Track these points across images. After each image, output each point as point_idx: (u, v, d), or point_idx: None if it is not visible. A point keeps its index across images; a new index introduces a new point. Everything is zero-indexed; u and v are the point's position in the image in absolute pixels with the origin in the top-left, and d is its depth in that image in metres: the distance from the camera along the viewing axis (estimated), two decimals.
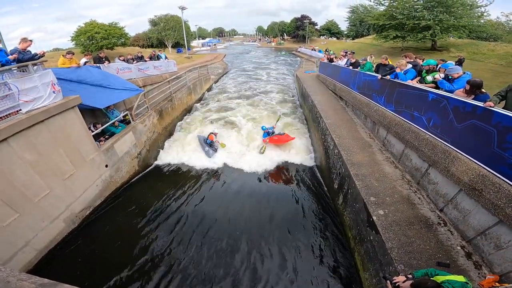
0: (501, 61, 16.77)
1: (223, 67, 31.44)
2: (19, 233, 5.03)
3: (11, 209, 4.87)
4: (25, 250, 5.12)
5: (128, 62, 13.26)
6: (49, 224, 5.68)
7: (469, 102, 4.12)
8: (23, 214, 5.08)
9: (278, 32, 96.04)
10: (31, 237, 5.25)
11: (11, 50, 6.20)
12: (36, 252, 5.38)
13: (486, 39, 28.23)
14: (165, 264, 5.51)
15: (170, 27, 47.36)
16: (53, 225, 5.77)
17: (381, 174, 5.67)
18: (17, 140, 5.02)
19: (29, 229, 5.23)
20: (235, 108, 15.40)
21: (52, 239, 5.77)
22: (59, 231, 5.96)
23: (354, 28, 63.79)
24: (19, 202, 5.02)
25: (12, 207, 4.89)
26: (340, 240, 5.96)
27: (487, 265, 3.50)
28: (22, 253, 5.06)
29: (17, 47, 6.11)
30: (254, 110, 15.16)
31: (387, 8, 27.07)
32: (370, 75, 8.24)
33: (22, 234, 5.10)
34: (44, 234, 5.55)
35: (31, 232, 5.27)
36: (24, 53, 6.03)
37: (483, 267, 3.51)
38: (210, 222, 6.68)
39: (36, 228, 5.38)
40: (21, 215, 5.04)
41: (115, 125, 8.49)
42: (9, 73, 5.26)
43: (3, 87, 5.03)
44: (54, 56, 20.21)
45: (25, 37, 6.24)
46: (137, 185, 8.54)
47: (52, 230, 5.78)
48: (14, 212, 4.92)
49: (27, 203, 5.17)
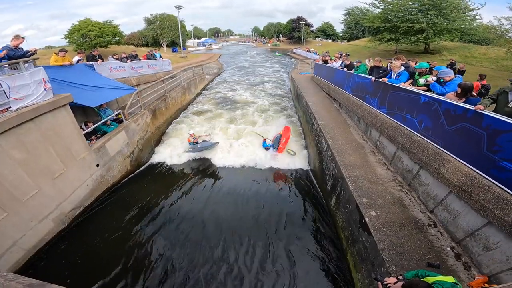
0: (492, 65, 17.09)
1: (218, 67, 31.46)
2: (6, 233, 4.94)
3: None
4: (13, 249, 5.03)
5: (122, 60, 13.09)
6: (38, 223, 5.58)
7: (460, 105, 4.17)
8: (11, 213, 4.99)
9: (274, 33, 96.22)
10: (19, 237, 5.16)
11: (2, 47, 6.11)
12: (24, 252, 5.29)
13: (478, 43, 28.75)
14: (155, 265, 5.45)
15: (166, 26, 46.99)
16: (41, 224, 5.67)
17: (373, 176, 5.71)
18: (6, 138, 4.92)
19: (17, 228, 5.14)
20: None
21: (40, 238, 5.67)
22: (48, 230, 5.86)
23: (349, 30, 64.43)
24: (7, 202, 4.92)
25: (0, 206, 4.79)
26: (333, 241, 5.98)
27: (476, 266, 3.55)
28: (10, 253, 4.98)
29: (9, 44, 6.03)
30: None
31: (382, 11, 27.42)
32: (364, 77, 8.28)
33: (10, 233, 5.01)
34: (32, 234, 5.46)
35: (19, 231, 5.18)
36: (15, 50, 5.96)
37: (472, 268, 3.55)
38: (202, 223, 6.64)
39: (24, 228, 5.28)
40: (9, 215, 4.95)
41: (107, 124, 8.37)
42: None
43: None
44: (46, 54, 19.89)
45: (18, 34, 6.20)
46: (129, 185, 8.43)
47: (41, 230, 5.68)
48: (1, 211, 4.83)
49: (15, 203, 5.07)
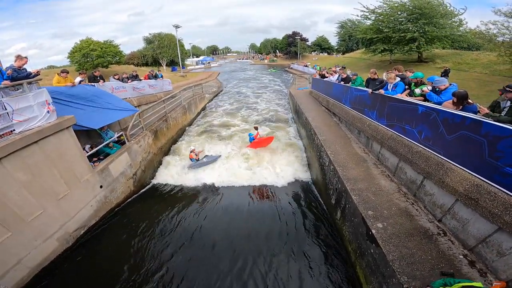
0: (485, 70, 17.12)
1: (217, 86, 31.89)
2: (11, 251, 5.00)
3: (3, 228, 4.85)
4: (17, 268, 5.07)
5: (123, 81, 13.31)
6: (42, 243, 5.60)
7: (457, 113, 4.24)
8: (15, 233, 5.03)
9: (270, 49, 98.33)
10: (23, 255, 5.19)
11: (6, 67, 6.05)
12: (28, 270, 5.30)
13: (469, 49, 29.24)
14: (159, 284, 5.34)
15: (164, 45, 48.11)
16: (46, 244, 5.68)
17: (377, 188, 5.69)
18: (11, 160, 4.98)
19: (21, 247, 5.18)
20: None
21: (45, 257, 5.68)
22: (53, 250, 5.86)
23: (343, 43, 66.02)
24: (11, 222, 4.99)
25: (4, 226, 4.86)
26: (341, 254, 5.88)
27: (492, 272, 3.49)
28: (14, 271, 5.02)
29: (13, 64, 5.97)
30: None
31: (374, 22, 27.99)
32: (361, 90, 8.39)
33: (15, 252, 5.06)
34: (37, 253, 5.48)
35: (23, 250, 5.22)
36: (19, 72, 5.89)
37: (488, 274, 3.49)
38: (207, 241, 6.54)
39: (28, 247, 5.31)
40: (13, 234, 4.99)
41: (109, 146, 8.42)
42: (2, 91, 5.23)
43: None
44: (48, 74, 20.04)
45: (19, 55, 6.09)
46: (133, 206, 8.37)
47: (45, 249, 5.69)
48: (6, 231, 4.89)
49: (19, 223, 5.13)
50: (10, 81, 5.54)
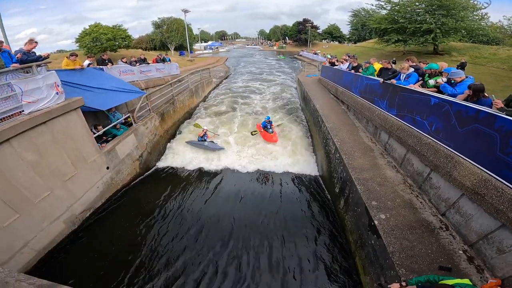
0: (503, 65, 16.63)
1: (225, 70, 31.66)
2: (18, 234, 5.01)
3: (11, 210, 4.86)
4: (24, 251, 5.10)
5: (131, 64, 13.30)
6: (49, 225, 5.67)
7: (471, 106, 4.09)
8: (23, 214, 5.07)
9: (280, 35, 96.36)
10: (30, 238, 5.23)
11: (15, 50, 6.17)
12: (35, 253, 5.36)
13: (488, 43, 28.19)
14: (166, 267, 5.49)
15: (173, 30, 47.69)
16: (53, 226, 5.76)
17: (382, 179, 5.63)
18: (19, 141, 5.03)
19: (28, 230, 5.21)
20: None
21: (51, 240, 5.75)
22: (59, 232, 5.95)
23: (356, 32, 64.12)
24: (19, 203, 5.01)
25: (12, 207, 4.88)
26: (341, 244, 5.92)
27: (489, 269, 3.47)
28: (21, 254, 5.04)
29: (22, 48, 6.06)
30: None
31: (389, 12, 27.23)
32: (372, 79, 8.20)
33: (22, 235, 5.09)
34: (43, 235, 5.54)
35: (30, 233, 5.25)
36: (28, 55, 5.96)
37: (485, 271, 3.47)
38: (211, 225, 6.66)
39: (35, 229, 5.36)
40: (21, 216, 5.03)
41: (116, 127, 8.52)
42: (12, 74, 5.26)
43: (6, 87, 5.06)
44: (58, 58, 20.39)
45: (32, 39, 6.18)
46: (138, 188, 8.54)
47: (52, 231, 5.77)
48: (14, 213, 4.91)
49: (27, 204, 5.16)
50: (19, 63, 5.57)
